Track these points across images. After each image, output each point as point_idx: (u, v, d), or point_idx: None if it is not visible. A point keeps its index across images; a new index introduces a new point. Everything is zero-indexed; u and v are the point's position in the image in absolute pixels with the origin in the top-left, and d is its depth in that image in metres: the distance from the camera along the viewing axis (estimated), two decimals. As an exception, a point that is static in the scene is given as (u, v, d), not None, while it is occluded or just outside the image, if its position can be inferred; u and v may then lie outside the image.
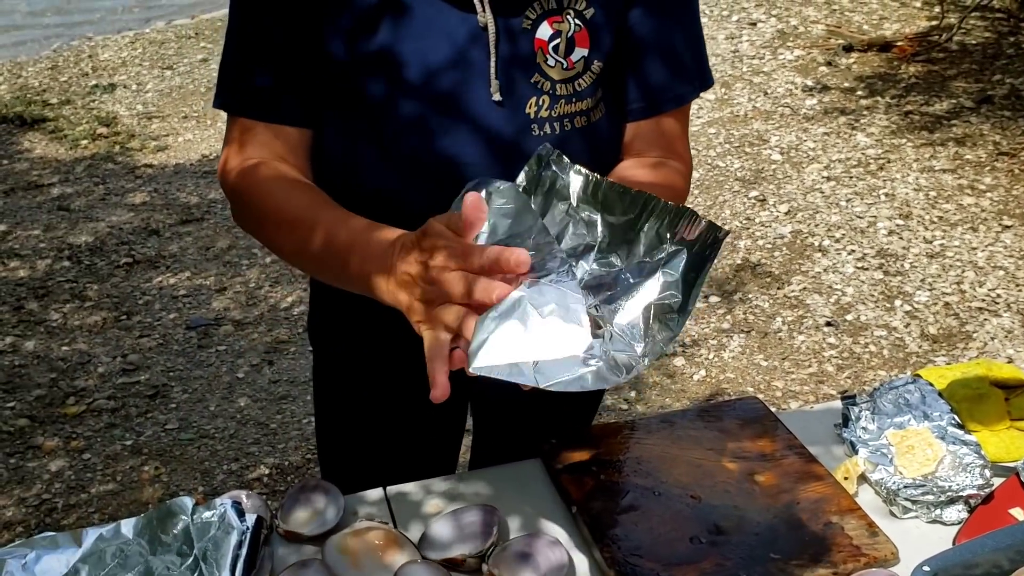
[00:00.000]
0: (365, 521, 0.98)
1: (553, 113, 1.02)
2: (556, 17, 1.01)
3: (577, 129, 1.04)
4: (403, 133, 1.01)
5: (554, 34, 1.01)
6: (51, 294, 3.22)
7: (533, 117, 1.02)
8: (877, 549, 0.97)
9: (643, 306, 0.83)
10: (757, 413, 1.18)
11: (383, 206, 1.02)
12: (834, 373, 2.75)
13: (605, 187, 0.89)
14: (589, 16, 1.02)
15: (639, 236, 0.86)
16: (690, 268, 0.83)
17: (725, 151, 4.00)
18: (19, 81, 5.18)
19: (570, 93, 1.03)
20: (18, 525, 2.27)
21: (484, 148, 1.02)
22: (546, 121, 1.02)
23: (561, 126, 1.03)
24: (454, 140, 1.01)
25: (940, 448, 1.09)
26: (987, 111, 4.12)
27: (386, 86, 1.00)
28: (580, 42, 1.02)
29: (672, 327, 0.81)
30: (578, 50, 1.02)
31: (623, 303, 0.84)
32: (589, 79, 1.03)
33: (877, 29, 5.03)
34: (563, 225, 0.91)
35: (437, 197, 1.02)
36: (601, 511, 1.01)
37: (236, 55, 1.03)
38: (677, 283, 0.83)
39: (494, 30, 0.98)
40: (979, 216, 3.43)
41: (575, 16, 1.01)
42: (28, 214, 3.77)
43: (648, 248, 0.86)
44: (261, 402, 2.72)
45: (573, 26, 1.01)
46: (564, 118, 1.03)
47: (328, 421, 1.30)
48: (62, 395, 2.73)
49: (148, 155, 4.30)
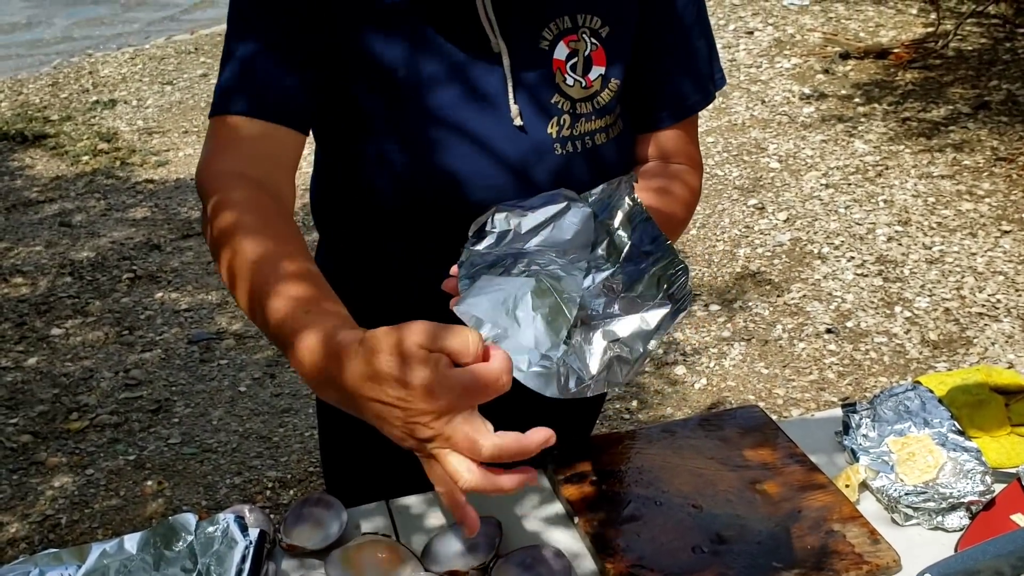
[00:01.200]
0: (368, 535, 0.99)
1: (575, 132, 1.03)
2: (572, 36, 1.02)
3: (598, 145, 1.05)
4: (422, 161, 1.01)
5: (571, 53, 1.02)
6: (53, 310, 3.23)
7: (555, 137, 1.03)
8: (879, 556, 0.97)
9: (610, 340, 0.85)
10: (758, 422, 1.18)
11: (401, 232, 1.02)
12: (835, 380, 2.75)
13: (641, 220, 0.92)
14: (604, 34, 1.03)
15: (643, 276, 0.89)
16: (660, 324, 0.85)
17: (723, 159, 4.01)
18: (20, 98, 5.21)
19: (590, 111, 1.04)
20: (22, 542, 2.27)
21: (508, 172, 1.02)
22: (568, 140, 1.03)
23: (583, 143, 1.04)
24: (480, 165, 1.01)
25: (941, 455, 1.09)
26: (984, 117, 4.13)
27: (405, 115, 1.00)
28: (597, 60, 1.03)
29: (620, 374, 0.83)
30: (595, 68, 1.03)
31: (600, 328, 0.86)
32: (608, 96, 1.04)
33: (873, 36, 5.05)
34: (599, 239, 0.94)
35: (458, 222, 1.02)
36: (603, 521, 1.02)
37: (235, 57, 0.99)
38: (646, 334, 0.85)
39: (507, 56, 0.99)
40: (978, 221, 3.44)
41: (591, 35, 1.02)
42: (30, 230, 3.78)
43: (645, 289, 0.88)
44: (263, 416, 2.72)
45: (589, 45, 1.02)
46: (585, 136, 1.04)
47: (331, 434, 1.30)
48: (65, 411, 2.74)
49: (149, 170, 4.31)
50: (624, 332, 0.85)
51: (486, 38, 0.99)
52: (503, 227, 0.93)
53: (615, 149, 1.08)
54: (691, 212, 1.13)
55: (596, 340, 0.85)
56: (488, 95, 1.00)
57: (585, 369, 0.82)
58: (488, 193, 1.02)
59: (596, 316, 0.87)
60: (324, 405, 1.30)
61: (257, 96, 0.96)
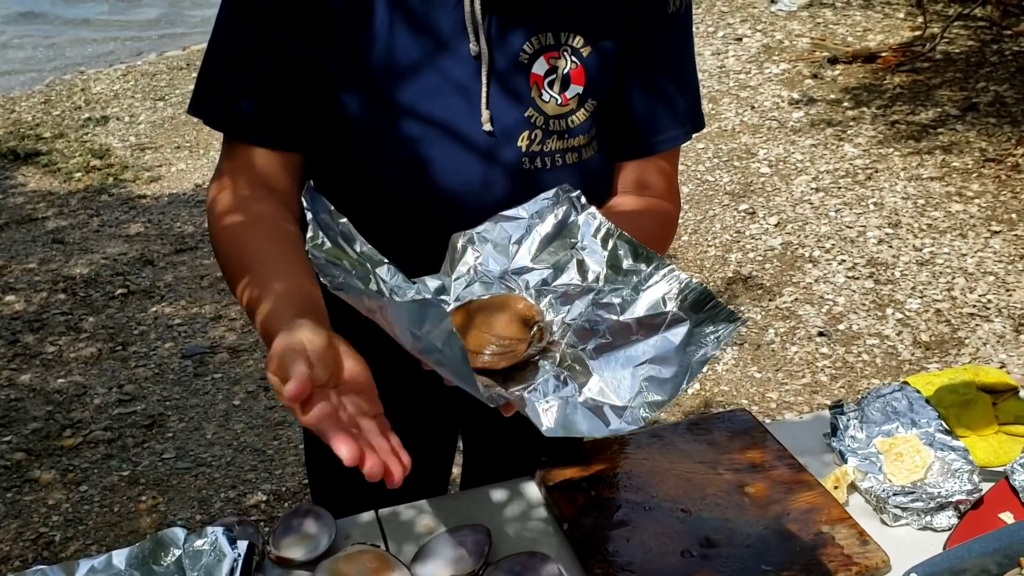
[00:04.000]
0: (357, 545, 0.99)
1: (545, 148, 1.03)
2: (553, 53, 1.01)
3: (569, 165, 1.04)
4: (393, 156, 1.02)
5: (550, 69, 1.02)
6: (46, 327, 3.23)
7: (525, 151, 1.02)
8: (868, 557, 0.97)
9: (635, 365, 0.83)
10: (746, 425, 1.18)
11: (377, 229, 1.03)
12: (828, 383, 2.75)
13: (617, 238, 0.92)
14: (586, 54, 1.02)
15: (639, 294, 0.88)
16: (689, 341, 0.82)
17: (714, 165, 4.03)
18: (12, 116, 5.21)
19: (563, 129, 1.03)
20: (16, 560, 2.26)
21: (474, 178, 1.02)
22: (538, 155, 1.03)
23: (552, 161, 1.03)
24: (444, 167, 1.02)
25: (929, 455, 1.09)
26: (972, 118, 4.15)
27: (377, 109, 1.00)
28: (576, 79, 1.03)
29: (660, 394, 0.80)
30: (573, 87, 1.03)
31: (616, 356, 0.85)
32: (583, 116, 1.04)
33: (861, 41, 5.07)
34: (565, 262, 0.94)
35: (428, 223, 1.03)
36: (593, 527, 1.02)
37: (221, 72, 1.03)
38: (676, 352, 0.82)
39: (487, 60, 0.99)
40: (968, 223, 3.45)
41: (572, 53, 1.02)
42: (23, 247, 3.78)
43: (649, 308, 0.87)
44: (257, 429, 2.72)
45: (569, 63, 1.02)
46: (556, 153, 1.03)
47: (317, 444, 1.30)
48: (58, 427, 2.73)
49: (142, 186, 4.31)
50: (646, 356, 0.83)
51: (467, 39, 0.99)
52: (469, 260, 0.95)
53: (588, 170, 1.07)
54: (664, 247, 1.11)
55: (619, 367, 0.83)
56: (464, 96, 1.00)
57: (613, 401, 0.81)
58: (457, 199, 1.02)
59: (606, 345, 0.86)
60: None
61: (274, 127, 1.02)
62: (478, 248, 0.96)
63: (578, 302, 0.91)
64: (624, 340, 0.85)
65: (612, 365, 0.84)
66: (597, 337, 0.87)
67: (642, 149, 1.10)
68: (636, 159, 1.10)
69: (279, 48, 0.99)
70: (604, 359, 0.85)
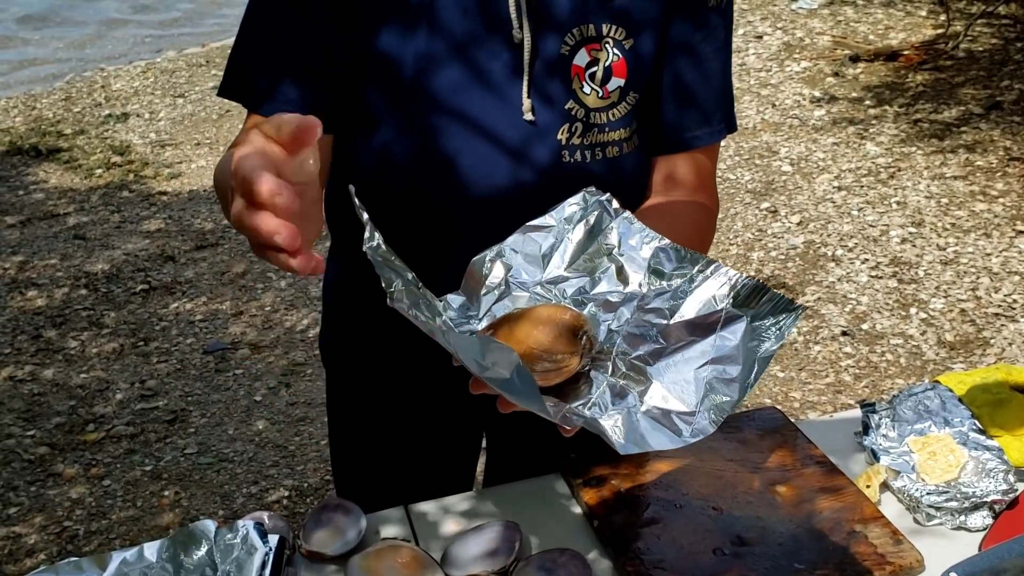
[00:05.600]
0: (387, 540, 0.98)
1: (585, 141, 1.02)
2: (595, 45, 1.00)
3: (608, 159, 1.03)
4: (429, 144, 1.00)
5: (591, 61, 1.01)
6: (68, 322, 3.25)
7: (564, 143, 1.01)
8: (902, 557, 0.96)
9: (696, 367, 0.80)
10: (777, 423, 1.17)
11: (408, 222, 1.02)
12: (851, 383, 2.73)
13: (657, 241, 0.89)
14: (628, 47, 1.01)
15: (688, 296, 0.85)
16: (751, 337, 0.79)
17: (735, 163, 4.00)
18: (33, 113, 5.25)
19: (604, 122, 1.02)
20: (40, 552, 2.27)
21: (512, 168, 1.01)
22: (577, 148, 1.02)
23: (592, 155, 1.02)
24: (482, 155, 1.00)
25: (962, 454, 1.08)
26: (996, 117, 4.11)
27: (414, 93, 0.99)
28: (617, 72, 1.02)
29: (728, 395, 0.77)
30: (615, 80, 1.02)
31: (674, 359, 0.81)
32: (624, 109, 1.03)
33: (883, 39, 5.03)
34: (602, 270, 0.91)
35: (461, 214, 1.02)
36: (623, 524, 1.01)
37: (249, 50, 1.01)
38: (737, 349, 0.79)
39: (530, 48, 0.98)
40: (992, 222, 3.42)
41: (614, 45, 1.01)
42: (45, 244, 3.81)
43: (700, 309, 0.83)
44: (279, 425, 2.73)
45: (611, 55, 1.01)
46: (596, 147, 1.02)
47: (342, 440, 1.30)
48: (81, 422, 2.75)
49: (162, 182, 4.34)
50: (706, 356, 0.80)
51: (510, 25, 0.97)
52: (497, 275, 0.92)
53: (627, 165, 1.05)
54: (705, 247, 1.08)
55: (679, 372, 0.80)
56: (505, 84, 0.99)
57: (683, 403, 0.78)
58: (495, 189, 1.00)
59: (661, 350, 0.83)
60: (336, 411, 1.30)
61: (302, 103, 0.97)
62: (508, 260, 0.92)
63: (623, 309, 0.88)
64: (679, 343, 0.82)
65: (672, 369, 0.81)
66: (649, 342, 0.84)
67: (674, 145, 1.09)
68: (674, 153, 1.09)
69: (311, 27, 0.97)
70: (662, 364, 0.81)
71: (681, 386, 0.79)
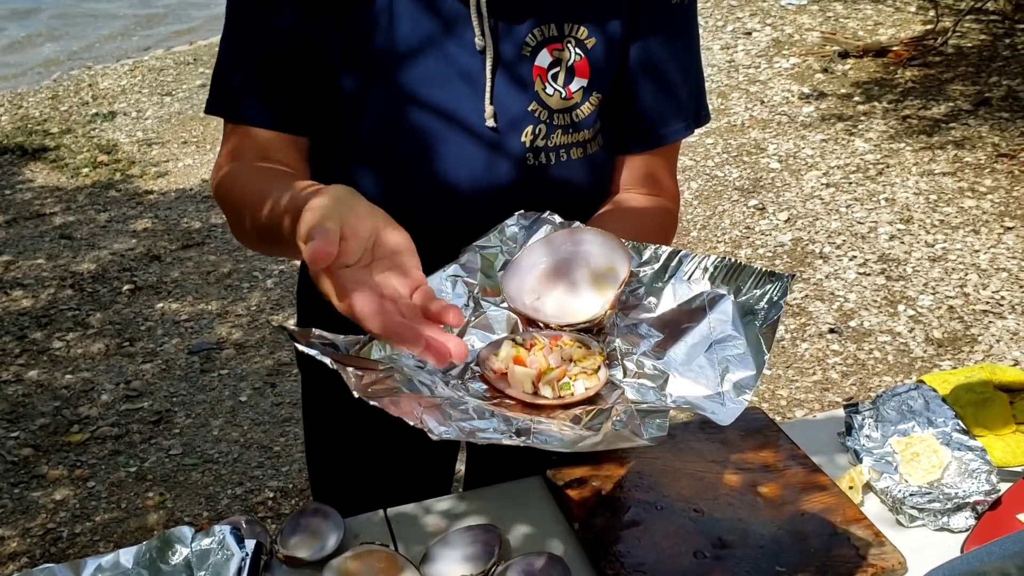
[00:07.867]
0: (365, 544, 0.97)
1: (550, 143, 1.01)
2: (556, 45, 1.00)
3: (574, 160, 1.03)
4: (396, 147, 1.00)
5: (553, 62, 1.00)
6: (54, 323, 3.23)
7: (529, 146, 1.01)
8: (884, 559, 0.96)
9: (704, 351, 0.79)
10: (759, 424, 1.17)
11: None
12: (839, 380, 2.73)
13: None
14: (590, 46, 1.01)
15: (664, 288, 0.85)
16: (744, 312, 0.79)
17: (723, 160, 4.00)
18: (20, 111, 5.21)
19: (567, 123, 1.01)
20: (23, 556, 2.26)
21: (478, 173, 1.01)
22: (542, 150, 1.01)
23: (557, 156, 1.02)
24: (447, 162, 1.00)
25: (945, 454, 1.08)
26: (985, 113, 4.12)
27: (379, 96, 0.99)
28: (580, 72, 1.01)
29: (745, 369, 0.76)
30: (577, 80, 1.01)
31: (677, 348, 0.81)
32: (588, 110, 1.02)
33: (872, 35, 5.04)
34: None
35: (433, 215, 1.01)
36: (603, 527, 1.00)
37: (229, 62, 1.02)
38: (735, 327, 0.79)
39: (492, 55, 0.97)
40: (980, 218, 3.42)
41: (576, 45, 1.00)
42: (31, 243, 3.78)
43: (680, 296, 0.84)
44: (264, 425, 2.71)
45: (574, 55, 1.00)
46: (561, 148, 1.02)
47: (318, 443, 1.29)
48: (66, 423, 2.73)
49: (149, 181, 4.31)
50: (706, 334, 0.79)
51: (471, 32, 0.98)
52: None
53: (589, 167, 1.05)
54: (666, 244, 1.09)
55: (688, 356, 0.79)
56: (468, 91, 0.99)
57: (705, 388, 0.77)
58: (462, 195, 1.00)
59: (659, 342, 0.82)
60: (312, 414, 1.29)
61: (272, 107, 1.00)
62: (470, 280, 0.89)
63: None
64: (676, 332, 0.82)
65: (681, 358, 0.80)
66: (648, 337, 0.83)
67: (649, 141, 1.08)
68: (639, 153, 1.08)
69: (278, 29, 0.98)
70: (669, 356, 0.81)
71: (696, 372, 0.79)
